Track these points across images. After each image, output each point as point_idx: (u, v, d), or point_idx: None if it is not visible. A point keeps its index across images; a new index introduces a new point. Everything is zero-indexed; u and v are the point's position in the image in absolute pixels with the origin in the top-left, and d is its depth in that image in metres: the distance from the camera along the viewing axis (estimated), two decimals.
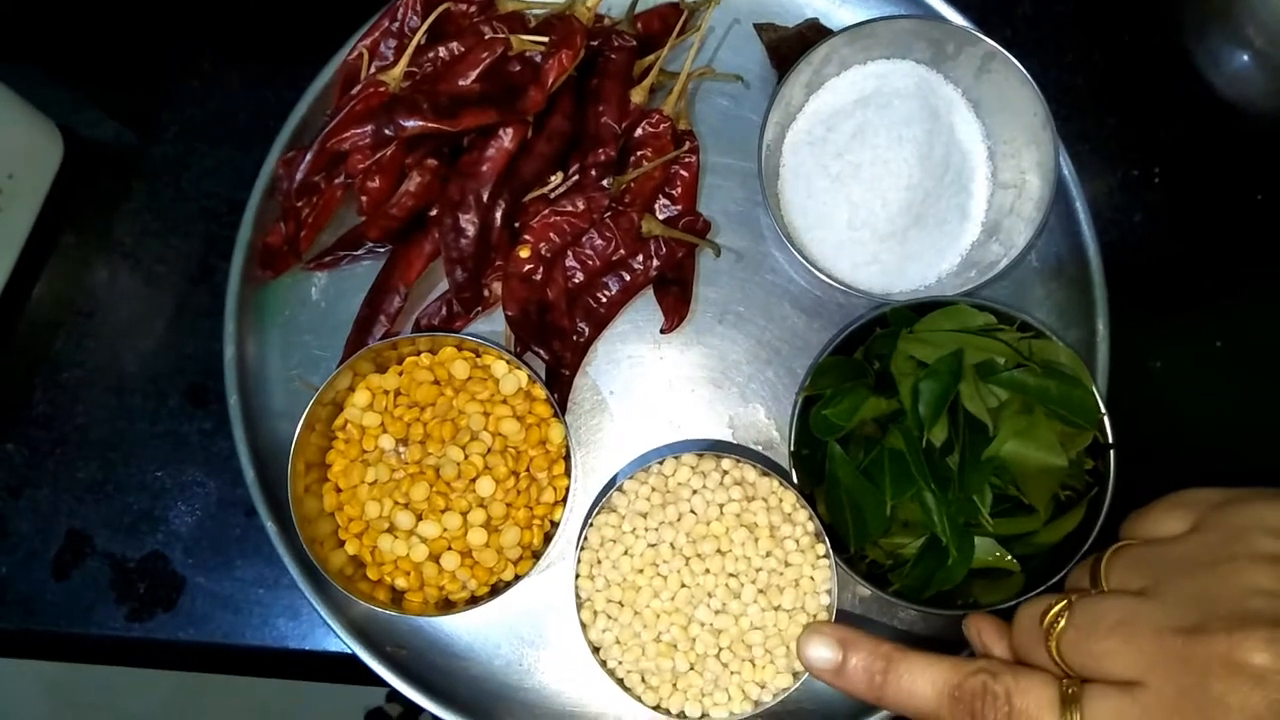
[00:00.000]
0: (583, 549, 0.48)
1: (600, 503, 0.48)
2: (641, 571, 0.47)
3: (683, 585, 0.46)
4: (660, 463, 0.48)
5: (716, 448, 0.52)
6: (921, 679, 0.37)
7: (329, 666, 0.53)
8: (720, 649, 0.46)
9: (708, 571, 0.46)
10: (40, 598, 0.53)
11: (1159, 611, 0.33)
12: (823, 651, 0.40)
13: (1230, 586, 0.32)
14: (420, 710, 0.50)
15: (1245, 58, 0.52)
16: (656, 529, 0.47)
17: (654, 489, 0.48)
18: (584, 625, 0.47)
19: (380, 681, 0.50)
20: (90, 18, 0.59)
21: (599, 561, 0.47)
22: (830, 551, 0.46)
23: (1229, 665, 0.30)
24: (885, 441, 0.45)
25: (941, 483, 0.44)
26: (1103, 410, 0.46)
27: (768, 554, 0.46)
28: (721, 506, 0.47)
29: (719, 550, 0.46)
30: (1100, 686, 0.33)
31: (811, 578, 0.46)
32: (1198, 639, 0.31)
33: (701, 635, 0.46)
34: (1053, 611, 0.35)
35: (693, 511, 0.47)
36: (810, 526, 0.47)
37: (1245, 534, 0.33)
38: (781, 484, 0.48)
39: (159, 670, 0.55)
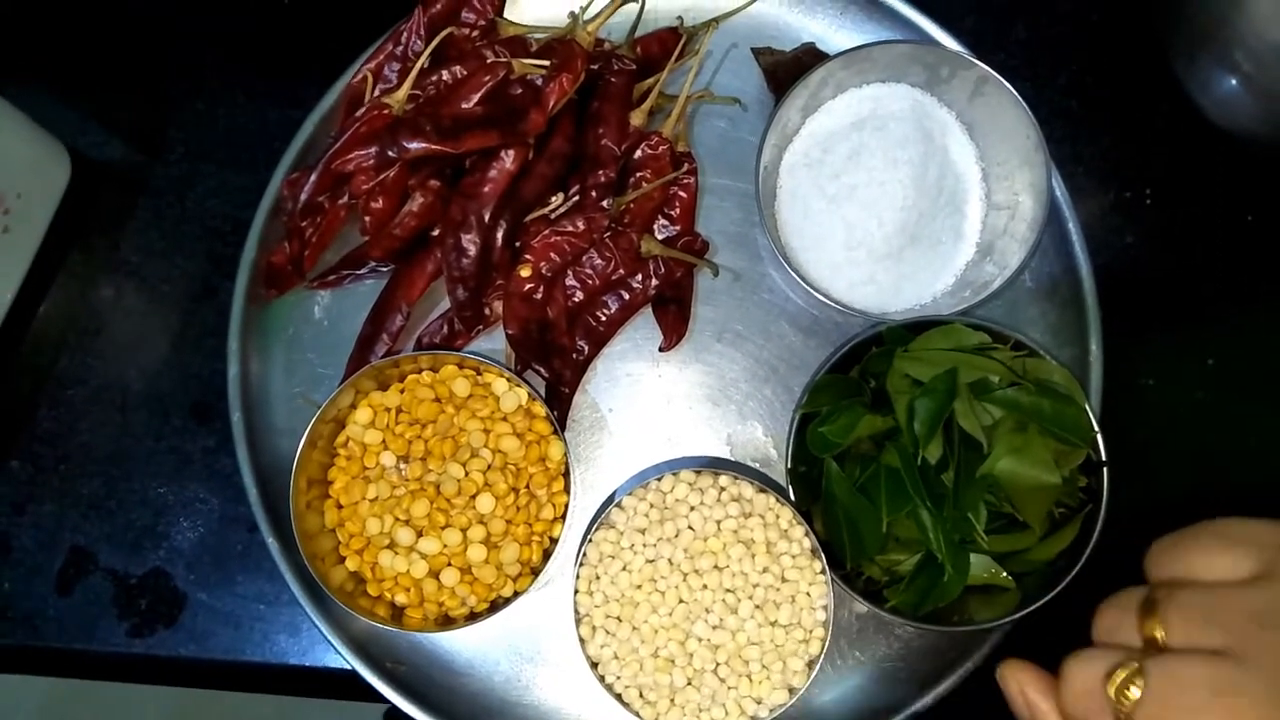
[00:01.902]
0: (581, 565, 0.48)
1: (599, 519, 0.48)
2: (640, 587, 0.47)
3: (680, 601, 0.47)
4: (659, 479, 0.49)
5: (714, 465, 0.52)
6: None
7: (329, 683, 0.53)
8: (717, 664, 0.46)
9: (705, 587, 0.47)
10: (43, 614, 0.53)
11: (1259, 681, 0.28)
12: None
13: None
14: None
15: (1234, 82, 0.52)
16: (655, 545, 0.47)
17: (652, 505, 0.48)
18: (583, 641, 0.47)
19: (380, 698, 0.50)
20: (97, 38, 0.60)
21: (598, 577, 0.48)
22: (826, 567, 0.47)
23: None
24: (881, 459, 0.46)
25: (937, 500, 0.45)
26: (1096, 428, 0.47)
27: (765, 570, 0.47)
28: (719, 523, 0.47)
29: (716, 566, 0.47)
30: None
31: (808, 593, 0.47)
32: None
33: (699, 650, 0.46)
34: (1122, 676, 0.30)
35: (690, 528, 0.48)
36: (807, 543, 0.48)
37: None
38: (778, 500, 0.48)
39: (157, 686, 0.55)
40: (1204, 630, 0.30)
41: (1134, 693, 0.29)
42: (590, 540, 0.48)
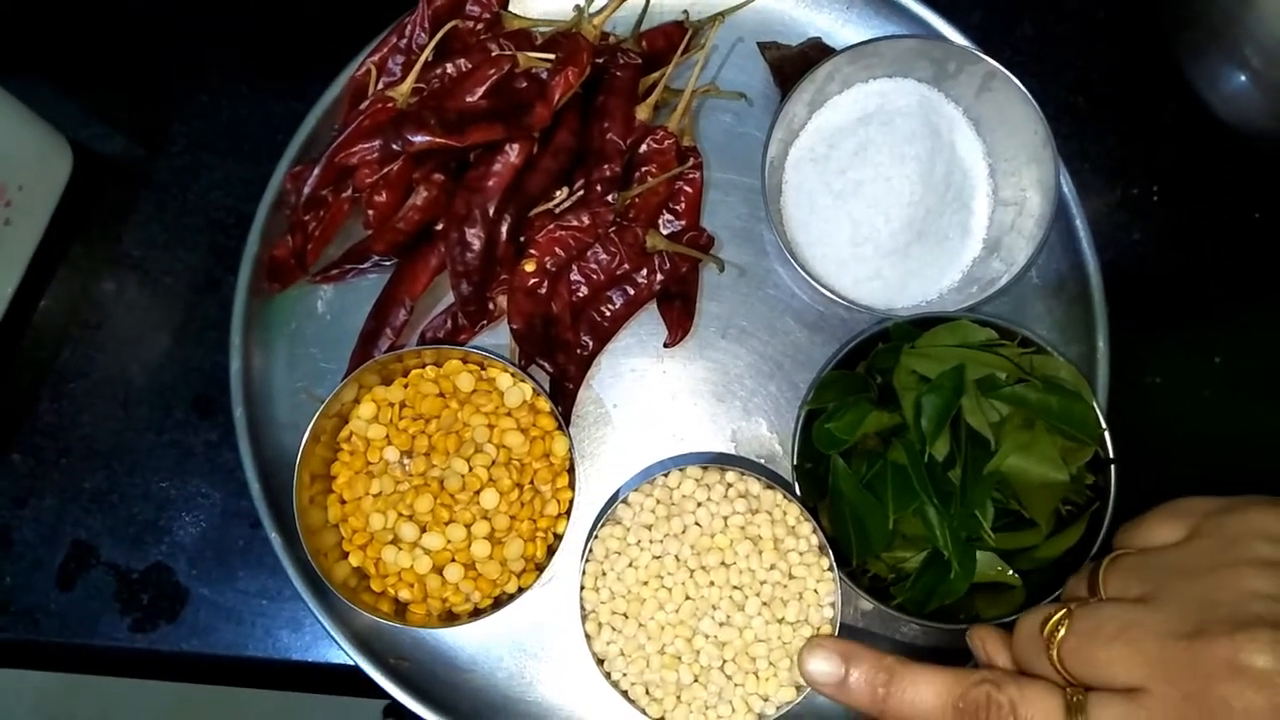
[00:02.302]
0: (587, 561, 0.48)
1: (605, 515, 0.48)
2: (646, 584, 0.47)
3: (687, 598, 0.47)
4: (665, 475, 0.48)
5: (720, 461, 0.52)
6: (925, 691, 0.37)
7: (332, 679, 0.53)
8: (724, 661, 0.46)
9: (712, 584, 0.46)
10: (44, 608, 0.53)
11: (1160, 618, 0.33)
12: (824, 665, 0.40)
13: (1229, 591, 0.32)
14: None
15: (1242, 78, 0.52)
16: (661, 541, 0.47)
17: (659, 501, 0.48)
18: (589, 637, 0.47)
19: (382, 694, 0.50)
20: (99, 31, 0.59)
21: (604, 574, 0.47)
22: (834, 565, 0.46)
23: (1232, 669, 0.31)
24: (888, 455, 0.46)
25: (943, 497, 0.45)
26: (1103, 425, 0.47)
27: (772, 567, 0.47)
28: (726, 519, 0.47)
29: (723, 563, 0.47)
30: (1104, 694, 0.34)
31: (815, 590, 0.47)
32: (1200, 644, 0.31)
33: (706, 647, 0.46)
34: (1053, 620, 0.36)
35: (697, 524, 0.47)
36: (814, 540, 0.47)
37: (1242, 540, 0.34)
38: (786, 497, 0.48)
39: (157, 681, 0.55)
40: (1130, 582, 0.36)
41: (1060, 632, 0.35)
42: (596, 536, 0.48)
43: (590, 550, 0.48)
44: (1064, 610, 0.36)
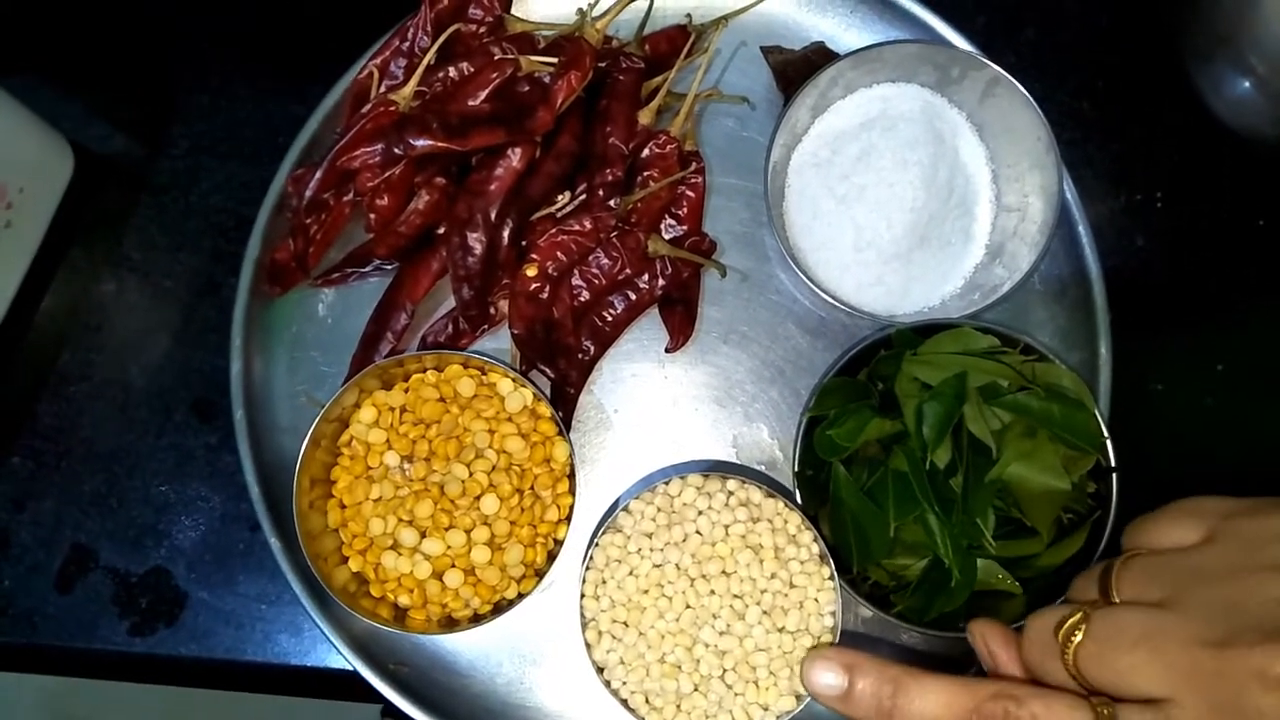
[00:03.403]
0: (588, 569, 0.48)
1: (606, 523, 0.48)
2: (647, 592, 0.47)
3: (688, 606, 0.46)
4: (666, 483, 0.48)
5: (720, 468, 0.52)
6: (934, 702, 0.36)
7: (330, 683, 0.53)
8: (725, 670, 0.46)
9: (713, 593, 0.46)
10: (43, 611, 0.53)
11: (1184, 624, 0.32)
12: (828, 677, 0.39)
13: (1255, 598, 0.31)
14: None
15: (1247, 84, 0.52)
16: (662, 549, 0.47)
17: (659, 509, 0.48)
18: (589, 645, 0.47)
19: (381, 699, 0.50)
20: (101, 33, 0.59)
21: (604, 581, 0.47)
22: (835, 573, 0.46)
23: (1264, 679, 0.29)
24: (889, 463, 0.45)
25: (945, 505, 0.44)
26: (1105, 434, 0.46)
27: (772, 575, 0.46)
28: (727, 528, 0.47)
29: (724, 571, 0.47)
30: (1134, 707, 0.32)
31: (816, 599, 0.46)
32: (1228, 653, 0.30)
33: (706, 656, 0.46)
34: (1069, 623, 0.34)
35: (698, 532, 0.47)
36: (815, 548, 0.47)
37: (1264, 544, 0.33)
38: (787, 505, 0.48)
39: (153, 685, 0.55)
40: (1147, 585, 0.34)
41: (1077, 637, 0.33)
42: (597, 544, 0.48)
43: (591, 558, 0.48)
44: (1080, 613, 0.34)
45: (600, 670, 0.47)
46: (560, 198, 0.52)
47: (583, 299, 0.52)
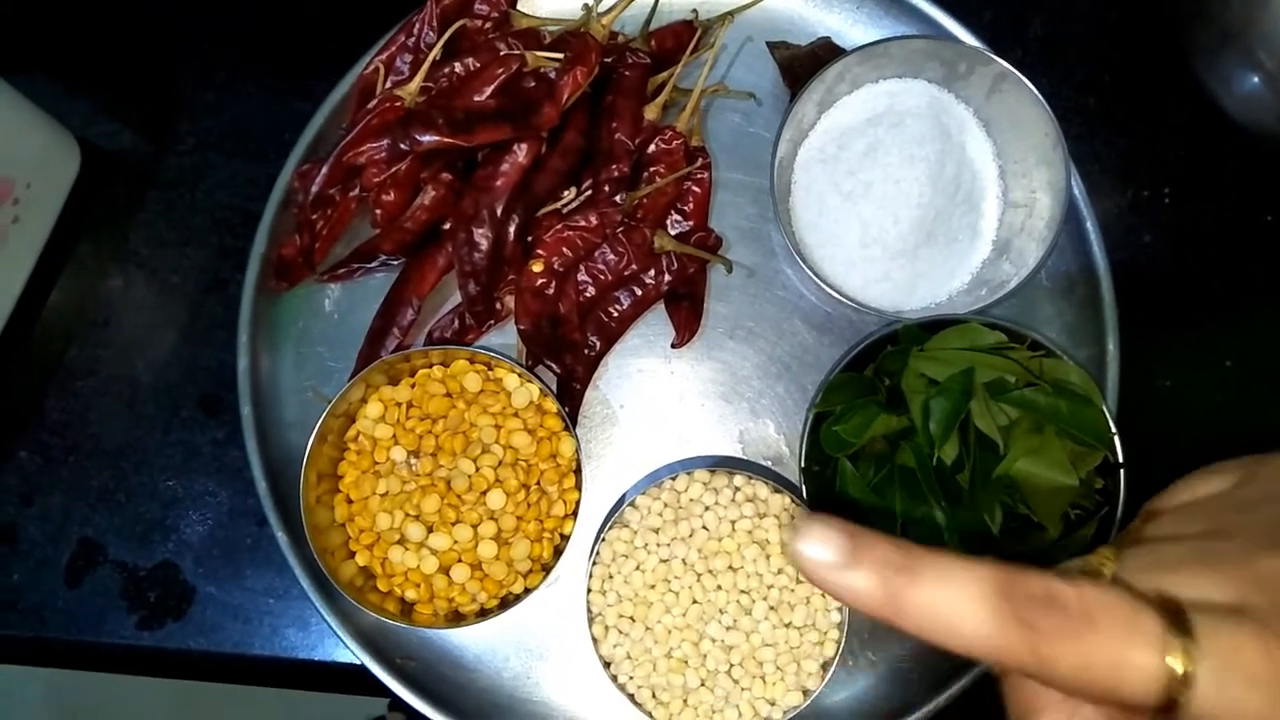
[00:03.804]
0: (595, 564, 0.48)
1: (613, 518, 0.48)
2: (653, 587, 0.47)
3: (694, 601, 0.47)
4: (673, 479, 0.48)
5: (727, 463, 0.52)
6: (961, 575, 0.25)
7: (337, 677, 0.53)
8: (731, 665, 0.46)
9: (719, 588, 0.46)
10: (51, 605, 0.53)
11: (1237, 543, 0.27)
12: (821, 546, 0.27)
13: None
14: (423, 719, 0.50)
15: (1256, 80, 0.52)
16: (669, 545, 0.47)
17: (666, 505, 0.48)
18: (595, 640, 0.47)
19: (387, 692, 0.50)
20: (108, 29, 0.59)
21: (611, 576, 0.47)
22: None
23: None
24: (896, 459, 0.45)
25: (952, 500, 0.44)
26: (1113, 430, 0.46)
27: (779, 571, 0.46)
28: (734, 523, 0.47)
29: (731, 567, 0.47)
30: (1213, 611, 0.25)
31: (823, 595, 0.47)
32: None
33: (713, 651, 0.46)
34: (1088, 563, 0.27)
35: (705, 528, 0.47)
36: None
37: None
38: (793, 501, 0.48)
39: (161, 679, 0.55)
40: (1183, 524, 0.29)
41: (1107, 568, 0.27)
42: (604, 539, 0.48)
43: (597, 553, 0.48)
44: (1103, 554, 0.27)
45: (607, 665, 0.47)
46: (566, 193, 0.52)
47: (589, 295, 0.52)
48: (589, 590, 0.47)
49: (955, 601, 0.25)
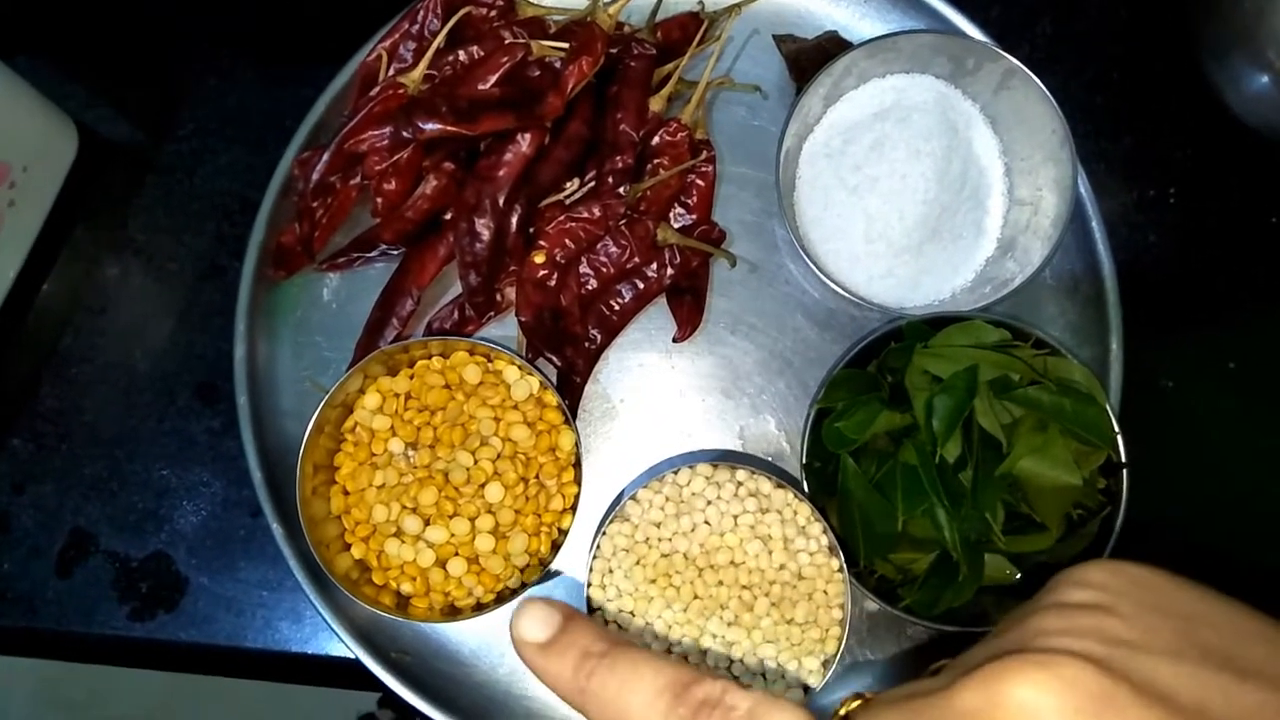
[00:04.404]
0: (595, 558, 0.47)
1: (613, 512, 0.48)
2: (654, 582, 0.46)
3: (695, 597, 0.46)
4: (675, 472, 0.48)
5: (728, 458, 0.52)
6: (645, 671, 0.29)
7: (330, 671, 0.53)
8: (732, 661, 0.46)
9: (721, 583, 0.46)
10: (42, 595, 0.52)
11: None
12: (535, 627, 0.30)
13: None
14: (415, 714, 0.49)
15: (1264, 80, 0.52)
16: (670, 539, 0.47)
17: (668, 499, 0.47)
18: None
19: (381, 687, 0.49)
20: (107, 13, 0.59)
21: (611, 571, 0.47)
22: (844, 565, 0.46)
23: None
24: (898, 456, 0.45)
25: (954, 498, 0.44)
26: (1116, 429, 0.46)
27: (781, 567, 0.46)
28: (736, 518, 0.47)
29: (733, 562, 0.46)
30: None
31: (825, 591, 0.46)
32: None
33: (714, 647, 0.46)
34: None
35: (707, 522, 0.47)
36: (824, 540, 0.47)
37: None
38: (796, 496, 0.47)
39: (151, 670, 0.54)
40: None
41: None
42: (604, 533, 0.47)
43: (598, 547, 0.47)
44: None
45: None
46: (569, 184, 0.51)
47: (590, 287, 0.52)
48: (589, 585, 0.47)
49: (634, 694, 0.28)
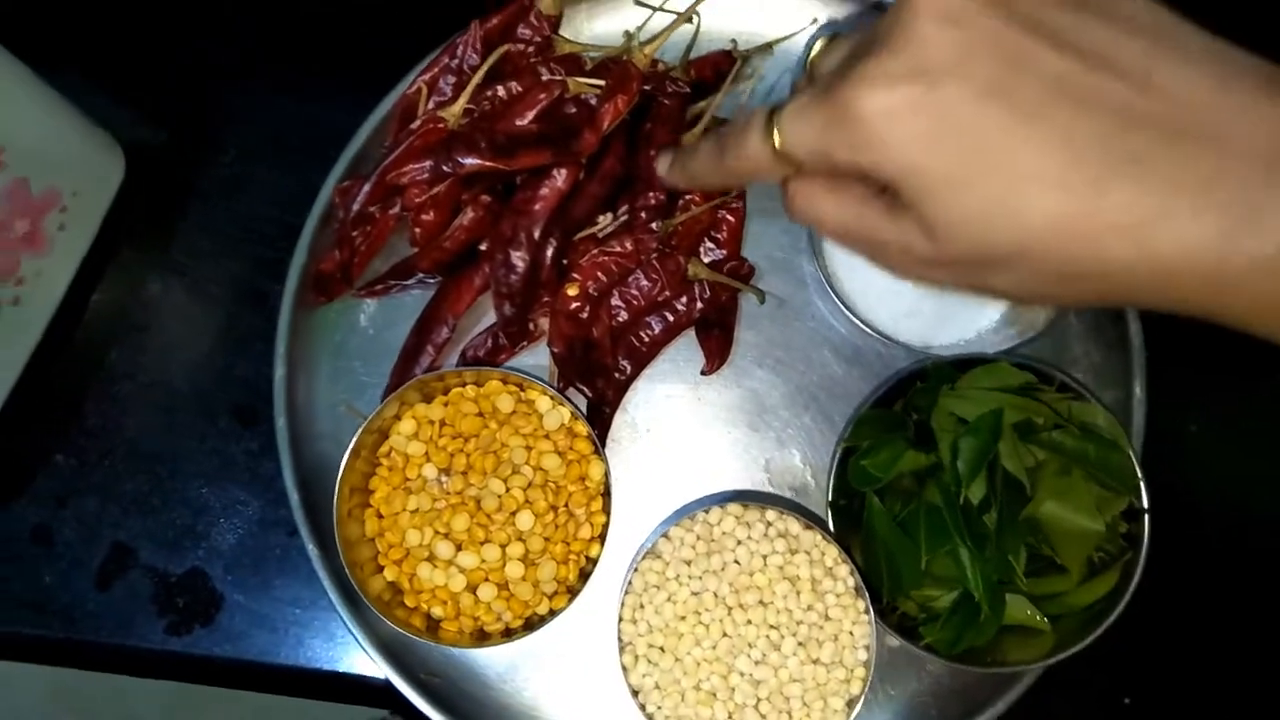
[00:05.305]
0: (627, 593, 0.48)
1: (645, 548, 0.49)
2: (684, 619, 0.47)
3: (724, 634, 0.47)
4: (706, 511, 0.49)
5: (751, 496, 0.52)
6: (755, 125, 0.35)
7: (360, 691, 0.54)
8: (759, 700, 0.47)
9: (749, 622, 0.47)
10: (82, 607, 0.54)
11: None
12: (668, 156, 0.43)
13: None
14: None
15: None
16: (700, 577, 0.48)
17: (699, 537, 0.48)
18: (625, 669, 0.47)
19: (408, 707, 0.50)
20: (156, 40, 0.60)
21: (642, 606, 0.48)
22: (870, 607, 0.47)
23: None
24: (923, 496, 0.46)
25: (977, 540, 0.45)
26: (1139, 475, 0.47)
27: (809, 607, 0.47)
28: (765, 558, 0.47)
29: (761, 601, 0.47)
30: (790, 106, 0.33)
31: (851, 632, 0.47)
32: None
33: (741, 685, 0.47)
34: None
35: (736, 562, 0.48)
36: (851, 582, 0.48)
37: None
38: (824, 538, 0.48)
39: (155, 680, 0.55)
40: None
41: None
42: (636, 569, 0.48)
43: (630, 582, 0.48)
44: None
45: (636, 694, 0.47)
46: (603, 219, 0.52)
47: (621, 319, 0.53)
48: (620, 619, 0.48)
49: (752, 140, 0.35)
